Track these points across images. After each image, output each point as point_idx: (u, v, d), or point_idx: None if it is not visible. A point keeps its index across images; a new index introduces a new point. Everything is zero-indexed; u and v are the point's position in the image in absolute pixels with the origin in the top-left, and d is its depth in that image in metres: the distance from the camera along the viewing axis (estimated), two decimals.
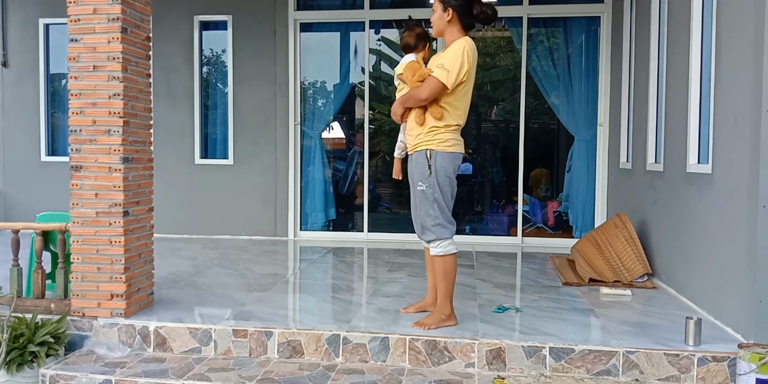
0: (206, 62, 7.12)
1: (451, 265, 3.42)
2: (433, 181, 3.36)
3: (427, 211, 3.40)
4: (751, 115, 3.13)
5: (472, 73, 3.33)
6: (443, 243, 3.40)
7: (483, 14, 3.34)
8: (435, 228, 3.39)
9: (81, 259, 3.52)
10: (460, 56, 3.25)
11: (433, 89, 3.28)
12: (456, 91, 3.31)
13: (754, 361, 2.75)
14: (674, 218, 4.29)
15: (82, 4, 3.47)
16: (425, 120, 3.37)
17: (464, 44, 3.29)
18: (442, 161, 3.35)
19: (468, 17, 3.36)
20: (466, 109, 3.42)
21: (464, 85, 3.32)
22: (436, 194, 3.37)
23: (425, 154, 3.36)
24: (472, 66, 3.32)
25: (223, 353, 3.35)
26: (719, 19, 3.59)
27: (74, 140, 3.51)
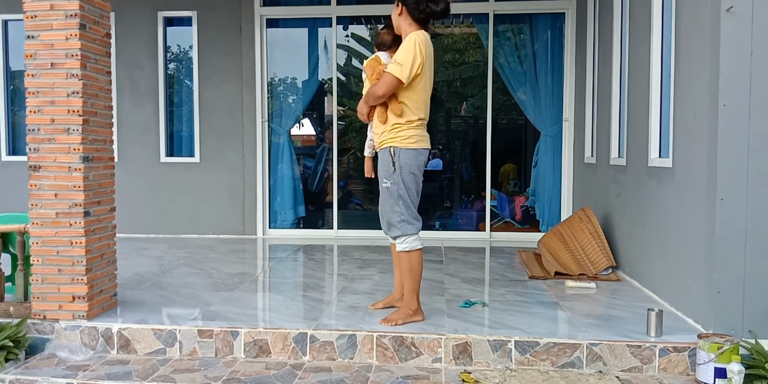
0: (171, 59, 7.02)
1: (416, 260, 3.45)
2: (398, 177, 3.38)
3: (392, 207, 3.42)
4: (708, 110, 3.19)
5: (427, 66, 3.33)
6: (408, 239, 3.43)
7: (428, 9, 3.34)
8: (400, 224, 3.41)
9: (41, 261, 3.45)
10: (412, 50, 3.25)
11: (388, 85, 3.28)
12: (413, 85, 3.32)
13: (713, 351, 2.82)
14: (637, 211, 4.37)
15: (39, 0, 3.38)
16: (387, 117, 3.40)
17: (415, 37, 3.29)
18: (406, 158, 3.37)
19: (417, 12, 3.36)
20: (426, 102, 3.42)
21: (420, 78, 3.32)
22: (401, 191, 3.39)
23: (389, 151, 3.39)
24: (427, 59, 3.31)
25: (189, 354, 3.31)
26: (678, 15, 3.66)
27: (32, 139, 3.43)
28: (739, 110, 3.06)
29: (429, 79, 3.41)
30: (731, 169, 3.08)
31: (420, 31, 3.36)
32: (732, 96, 3.06)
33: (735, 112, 3.07)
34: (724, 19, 3.05)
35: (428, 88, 3.42)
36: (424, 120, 3.45)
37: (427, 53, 3.32)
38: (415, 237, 3.44)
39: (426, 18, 3.39)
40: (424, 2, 3.33)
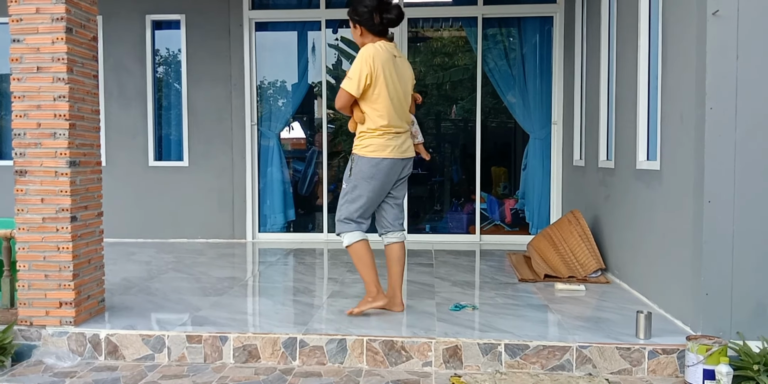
0: (160, 62, 6.98)
1: (359, 251, 3.62)
2: (352, 182, 3.60)
3: (339, 206, 3.67)
4: (695, 112, 3.21)
5: (379, 76, 3.42)
6: (347, 235, 3.64)
7: (386, 20, 3.49)
8: (339, 222, 3.67)
9: (27, 267, 3.41)
10: (359, 63, 3.41)
11: (341, 98, 3.48)
12: (367, 95, 3.46)
13: (701, 353, 2.83)
14: (625, 214, 4.39)
15: (24, 4, 3.36)
16: (356, 127, 3.60)
17: (364, 51, 3.44)
18: (361, 165, 3.54)
19: (374, 26, 3.50)
20: (387, 110, 3.48)
21: (374, 88, 3.43)
22: (349, 194, 3.62)
23: (352, 158, 3.62)
24: (376, 69, 3.40)
25: (177, 360, 3.29)
26: (665, 19, 3.69)
27: (18, 144, 3.39)
28: (725, 113, 3.09)
29: (389, 88, 3.47)
30: (718, 171, 3.10)
31: (373, 43, 3.48)
32: (719, 99, 3.09)
33: (722, 115, 3.09)
34: (710, 23, 3.08)
35: (388, 97, 3.47)
36: (391, 127, 3.52)
37: (376, 64, 3.41)
38: (352, 233, 3.62)
39: (384, 29, 3.54)
40: (377, 17, 3.47)
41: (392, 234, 3.75)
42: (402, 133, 3.58)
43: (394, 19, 3.50)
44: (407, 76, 3.62)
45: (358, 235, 3.62)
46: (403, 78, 3.56)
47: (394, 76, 3.48)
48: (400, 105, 3.55)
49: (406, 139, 3.63)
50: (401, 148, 3.57)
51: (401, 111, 3.57)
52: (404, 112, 3.60)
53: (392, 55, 3.50)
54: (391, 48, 3.53)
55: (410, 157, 3.68)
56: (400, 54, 3.62)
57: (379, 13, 3.46)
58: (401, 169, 3.63)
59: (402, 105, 3.57)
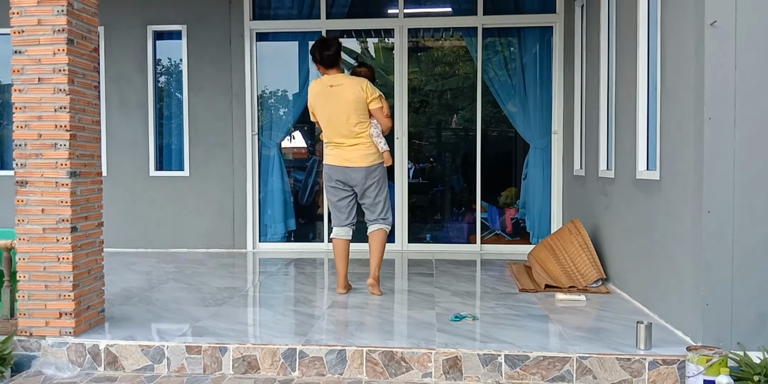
0: (161, 72, 7.02)
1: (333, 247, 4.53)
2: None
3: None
4: (694, 122, 3.22)
5: (314, 104, 4.42)
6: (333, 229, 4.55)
7: (325, 57, 4.37)
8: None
9: (28, 277, 3.41)
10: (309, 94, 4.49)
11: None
12: (315, 117, 4.50)
13: (702, 363, 2.82)
14: (625, 224, 4.38)
15: (26, 15, 3.38)
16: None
17: (311, 85, 4.50)
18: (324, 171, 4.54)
19: (317, 60, 4.43)
20: (326, 128, 4.43)
21: (315, 115, 4.47)
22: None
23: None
24: (312, 100, 4.43)
25: (177, 370, 3.28)
26: (663, 29, 3.70)
27: (19, 155, 3.41)
28: (724, 123, 3.09)
29: (325, 111, 4.38)
30: (718, 181, 3.10)
31: (320, 78, 4.49)
32: (717, 109, 3.09)
33: (720, 125, 3.09)
34: (708, 33, 3.09)
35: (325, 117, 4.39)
36: (330, 142, 4.44)
37: (312, 95, 4.43)
38: (334, 231, 4.52)
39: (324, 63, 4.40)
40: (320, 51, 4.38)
41: (370, 225, 4.55)
42: (346, 146, 4.37)
43: (317, 58, 4.39)
44: (339, 100, 4.32)
45: (335, 231, 4.51)
46: (335, 102, 4.32)
47: (323, 103, 4.36)
48: (337, 124, 4.35)
49: (352, 151, 4.36)
50: (342, 157, 4.38)
51: (339, 128, 4.35)
52: (341, 129, 4.35)
53: (327, 85, 4.36)
54: (328, 80, 4.38)
55: (355, 167, 4.37)
56: (339, 82, 4.36)
57: (320, 50, 4.37)
58: (349, 176, 4.39)
59: (339, 124, 4.34)
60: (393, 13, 6.77)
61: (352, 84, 4.34)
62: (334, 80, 4.36)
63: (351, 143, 4.36)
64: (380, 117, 4.39)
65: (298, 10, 6.81)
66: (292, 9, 6.82)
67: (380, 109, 4.36)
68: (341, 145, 4.38)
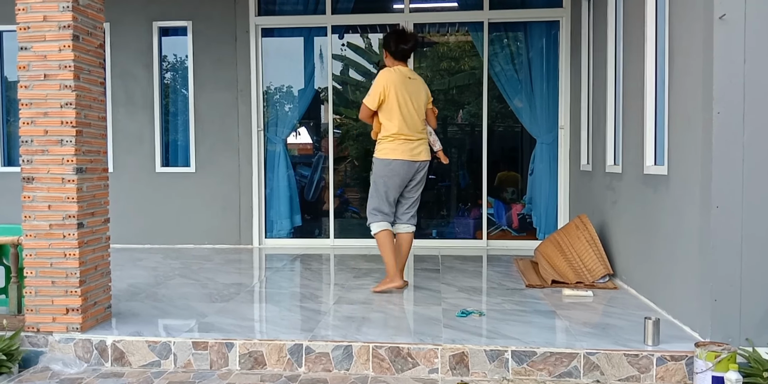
0: (167, 68, 7.02)
1: (380, 240, 4.40)
2: (372, 180, 4.46)
3: (369, 200, 4.49)
4: (702, 117, 3.19)
5: (390, 93, 4.27)
6: (372, 225, 4.43)
7: (400, 49, 4.37)
8: (367, 214, 4.48)
9: (34, 273, 3.42)
10: (375, 83, 4.32)
11: (362, 110, 4.41)
12: (381, 108, 4.32)
13: (710, 359, 2.80)
14: (633, 219, 4.36)
15: (32, 12, 3.38)
16: (377, 135, 4.43)
17: (380, 74, 4.34)
18: (377, 165, 4.40)
19: (395, 53, 4.39)
20: (398, 120, 4.30)
21: (386, 103, 4.29)
22: (371, 190, 4.46)
23: (373, 161, 4.44)
24: (389, 88, 4.27)
25: (183, 366, 3.29)
26: (671, 23, 3.67)
27: (25, 151, 3.42)
28: (733, 117, 3.07)
29: (402, 102, 4.29)
30: (726, 176, 3.08)
31: (387, 68, 4.39)
32: (726, 103, 3.07)
33: (729, 120, 3.07)
34: (717, 27, 3.06)
35: (397, 110, 4.28)
36: (399, 134, 4.31)
37: (390, 83, 4.27)
38: (376, 224, 4.40)
39: (401, 55, 4.40)
40: (393, 46, 4.37)
41: (399, 225, 4.52)
42: (414, 140, 4.33)
43: (406, 50, 4.37)
44: (417, 94, 4.37)
45: (384, 225, 4.39)
46: (413, 95, 4.32)
47: (403, 94, 4.28)
48: (408, 117, 4.30)
49: (419, 146, 4.37)
50: (411, 152, 4.33)
51: (411, 122, 4.32)
52: (414, 123, 4.34)
53: (406, 77, 4.33)
54: (406, 71, 4.38)
55: (422, 161, 4.39)
56: (415, 76, 4.43)
57: (395, 43, 4.34)
58: (414, 171, 4.37)
59: (412, 117, 4.32)
60: (399, 8, 6.74)
61: (422, 81, 4.49)
62: (411, 74, 4.43)
63: (418, 138, 4.38)
64: (432, 118, 4.58)
65: (303, 5, 6.79)
66: (298, 4, 6.81)
67: (433, 110, 4.58)
68: (410, 139, 4.33)
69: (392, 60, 4.42)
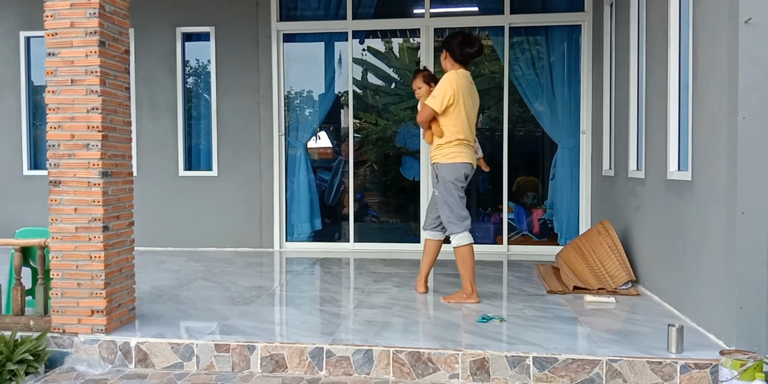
0: (190, 73, 7.10)
1: (465, 253, 4.20)
2: (441, 187, 4.22)
3: (442, 211, 4.25)
4: (727, 122, 3.16)
5: (459, 97, 4.11)
6: (456, 236, 4.22)
7: (465, 52, 4.21)
8: (448, 225, 4.23)
9: (61, 275, 3.48)
10: (444, 86, 4.12)
11: (425, 113, 4.19)
12: (447, 112, 4.14)
13: (736, 368, 2.76)
14: (656, 225, 4.31)
15: (59, 18, 3.45)
16: (433, 140, 4.26)
17: (448, 76, 4.15)
18: (445, 170, 4.19)
19: (458, 55, 4.21)
20: (463, 125, 4.18)
21: (454, 107, 4.12)
22: (445, 197, 4.21)
23: (433, 167, 4.26)
24: (458, 92, 4.10)
25: (206, 368, 3.32)
26: (695, 27, 3.64)
27: (52, 155, 3.48)
28: (758, 122, 3.03)
29: (467, 107, 4.18)
30: (752, 181, 3.04)
31: (454, 70, 4.20)
32: (751, 108, 3.03)
33: (754, 125, 3.03)
34: (743, 31, 3.03)
35: (463, 114, 4.17)
36: (464, 140, 4.20)
37: (459, 87, 4.11)
38: (461, 235, 4.20)
39: (464, 59, 4.23)
40: (458, 49, 4.19)
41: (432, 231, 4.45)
42: (470, 145, 4.27)
43: (473, 54, 4.23)
44: (476, 100, 4.33)
45: (466, 238, 4.21)
46: (473, 101, 4.28)
47: (468, 99, 4.19)
48: (470, 123, 4.23)
49: (472, 150, 4.30)
50: (471, 156, 4.27)
51: (470, 127, 4.25)
52: (472, 129, 4.29)
53: (469, 81, 4.25)
54: (468, 75, 4.27)
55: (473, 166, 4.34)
56: (472, 82, 4.32)
57: (461, 46, 4.19)
58: (470, 174, 4.30)
59: (471, 123, 4.25)
60: (419, 13, 6.76)
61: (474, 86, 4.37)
62: (471, 78, 4.32)
63: (472, 143, 4.31)
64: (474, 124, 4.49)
65: (324, 10, 6.84)
66: (319, 10, 6.85)
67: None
68: (468, 144, 4.25)
69: (452, 62, 4.24)
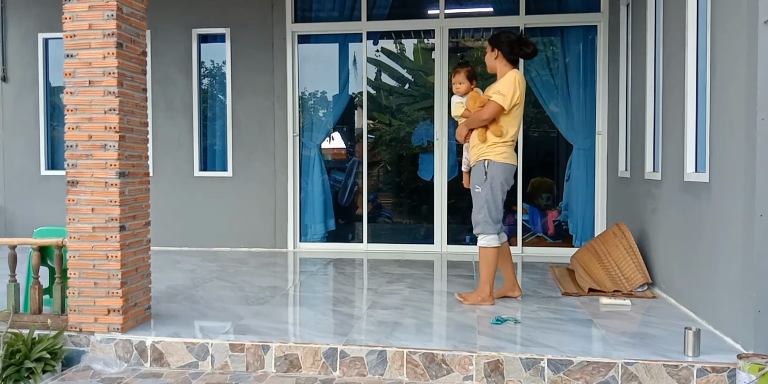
0: (205, 74, 7.15)
1: (490, 255, 4.14)
2: (487, 185, 4.10)
3: (479, 209, 4.13)
4: (746, 123, 3.12)
5: (521, 98, 4.10)
6: (486, 237, 4.12)
7: (521, 52, 4.17)
8: (483, 224, 4.12)
9: (78, 275, 3.52)
10: (512, 84, 4.05)
11: (493, 110, 4.05)
12: (511, 111, 4.09)
13: (754, 372, 2.73)
14: (673, 227, 4.28)
15: (78, 20, 3.48)
16: (487, 137, 4.12)
17: (515, 75, 4.10)
18: (496, 169, 4.09)
19: (511, 54, 4.16)
20: (519, 126, 4.19)
21: (517, 107, 4.09)
22: (488, 196, 4.10)
23: (483, 163, 4.12)
24: (522, 92, 4.09)
25: (220, 368, 3.33)
26: (714, 27, 3.60)
27: (70, 155, 3.51)
28: None
29: (522, 108, 4.15)
30: None
31: (516, 69, 4.18)
32: None
33: None
34: (762, 31, 2.99)
35: (521, 115, 4.17)
36: (515, 141, 4.20)
37: (523, 88, 4.10)
38: (492, 237, 4.11)
39: (516, 59, 4.19)
40: (517, 48, 4.14)
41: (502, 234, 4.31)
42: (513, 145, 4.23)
43: (530, 54, 4.18)
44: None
45: (495, 241, 4.13)
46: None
47: (523, 99, 4.17)
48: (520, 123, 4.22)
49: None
50: (517, 159, 4.23)
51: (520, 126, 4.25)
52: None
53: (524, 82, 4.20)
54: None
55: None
56: None
57: (518, 46, 4.14)
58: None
59: (521, 122, 4.25)
60: (434, 13, 6.75)
61: None
62: None
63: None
64: None
65: (339, 12, 6.85)
66: (333, 11, 6.87)
67: None
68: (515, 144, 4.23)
69: (505, 62, 4.17)
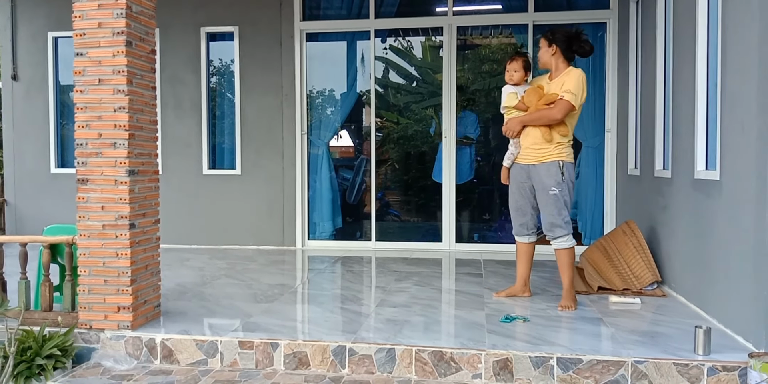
0: (214, 73, 7.17)
1: (573, 256, 4.15)
2: (565, 186, 4.06)
3: (559, 211, 4.08)
4: (757, 121, 3.10)
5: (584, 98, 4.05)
6: (564, 238, 4.11)
7: (581, 49, 4.08)
8: (566, 225, 4.11)
9: (88, 272, 3.53)
10: (581, 83, 3.98)
11: (566, 110, 3.96)
12: (576, 111, 4.03)
13: (765, 371, 2.71)
14: (683, 225, 4.25)
15: (87, 19, 3.50)
16: (552, 137, 4.04)
17: (581, 74, 4.02)
18: (569, 170, 4.08)
19: (568, 51, 4.08)
20: (575, 125, 4.14)
21: (581, 106, 4.05)
22: (566, 197, 4.07)
23: (558, 164, 4.04)
24: (586, 92, 4.04)
25: (230, 365, 3.35)
26: (724, 24, 3.57)
27: (80, 153, 3.53)
28: None
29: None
30: None
31: (580, 69, 4.06)
32: None
33: None
34: None
35: (579, 112, 4.11)
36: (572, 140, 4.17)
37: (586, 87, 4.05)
38: (569, 236, 4.12)
39: (572, 55, 4.11)
40: (576, 44, 4.07)
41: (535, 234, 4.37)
42: None
43: (588, 51, 4.10)
44: None
45: (573, 240, 4.15)
46: None
47: None
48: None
49: None
50: None
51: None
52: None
53: None
54: None
55: None
56: None
57: (576, 42, 4.07)
58: None
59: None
60: (442, 11, 6.74)
61: None
62: None
63: None
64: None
65: (347, 10, 6.85)
66: (341, 9, 6.87)
67: None
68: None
69: (562, 59, 4.09)
